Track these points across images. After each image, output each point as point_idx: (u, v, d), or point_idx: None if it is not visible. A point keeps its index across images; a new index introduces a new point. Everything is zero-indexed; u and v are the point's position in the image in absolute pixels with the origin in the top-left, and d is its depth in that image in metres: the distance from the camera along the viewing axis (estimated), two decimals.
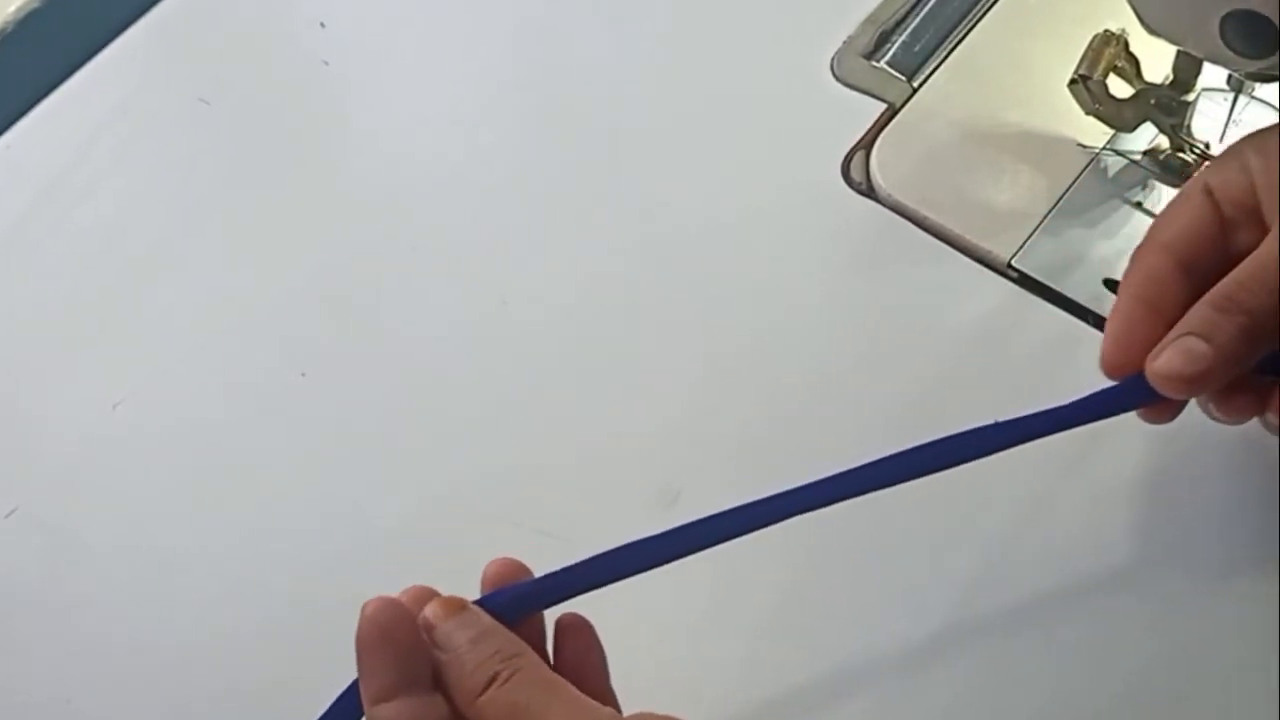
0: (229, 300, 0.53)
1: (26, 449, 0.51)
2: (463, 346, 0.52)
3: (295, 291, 0.53)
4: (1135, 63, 0.51)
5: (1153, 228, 0.41)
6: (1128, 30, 0.51)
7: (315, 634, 0.44)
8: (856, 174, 0.54)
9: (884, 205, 0.53)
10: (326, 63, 0.60)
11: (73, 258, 0.55)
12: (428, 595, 0.35)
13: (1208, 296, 0.39)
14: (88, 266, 0.55)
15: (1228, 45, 0.44)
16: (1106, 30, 0.51)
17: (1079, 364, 0.46)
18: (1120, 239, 0.51)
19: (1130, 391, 0.41)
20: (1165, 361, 0.38)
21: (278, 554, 0.47)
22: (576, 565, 0.37)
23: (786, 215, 0.53)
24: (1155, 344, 0.39)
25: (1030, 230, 0.52)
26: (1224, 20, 0.44)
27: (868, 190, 0.54)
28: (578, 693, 0.33)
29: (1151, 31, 0.47)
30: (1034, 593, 0.44)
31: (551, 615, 0.38)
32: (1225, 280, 0.39)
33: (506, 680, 0.33)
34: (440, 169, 0.56)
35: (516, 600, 0.36)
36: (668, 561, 0.38)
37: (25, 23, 0.60)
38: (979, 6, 0.57)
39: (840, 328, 0.51)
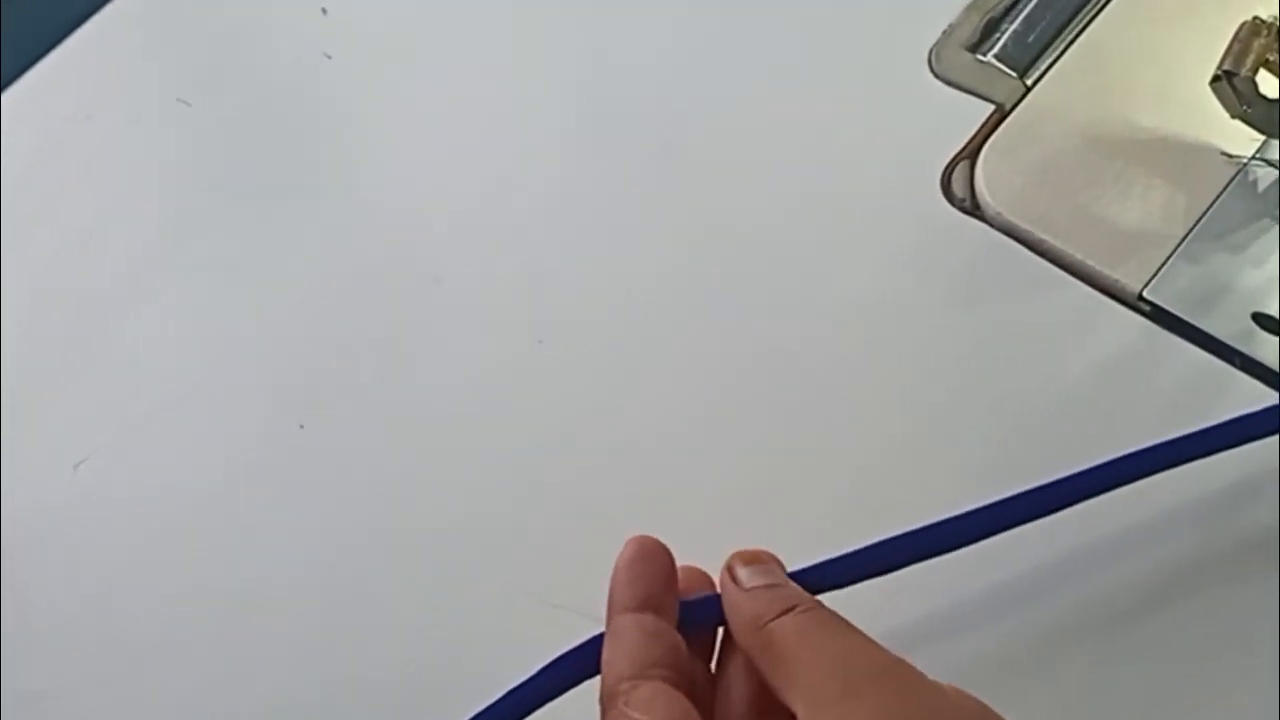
0: (213, 339, 0.53)
1: None
2: (490, 394, 0.50)
3: (293, 328, 0.53)
4: None
5: None
6: None
7: None
8: (959, 188, 0.52)
9: (991, 225, 0.51)
10: (329, 56, 0.59)
11: (28, 289, 0.55)
12: (704, 574, 0.40)
13: None
14: (45, 299, 0.54)
15: None
16: (1255, 18, 0.48)
17: (1222, 411, 0.44)
18: (1271, 265, 0.48)
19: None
20: None
21: (268, 637, 0.47)
22: (847, 556, 0.40)
23: (876, 237, 0.51)
24: None
25: (1165, 255, 0.49)
26: None
27: (972, 207, 0.52)
28: (869, 636, 0.36)
29: None
30: None
31: None
32: None
33: (804, 611, 0.37)
34: (464, 183, 0.55)
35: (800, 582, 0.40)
36: (936, 555, 0.40)
37: None
38: None
39: (940, 368, 0.48)
